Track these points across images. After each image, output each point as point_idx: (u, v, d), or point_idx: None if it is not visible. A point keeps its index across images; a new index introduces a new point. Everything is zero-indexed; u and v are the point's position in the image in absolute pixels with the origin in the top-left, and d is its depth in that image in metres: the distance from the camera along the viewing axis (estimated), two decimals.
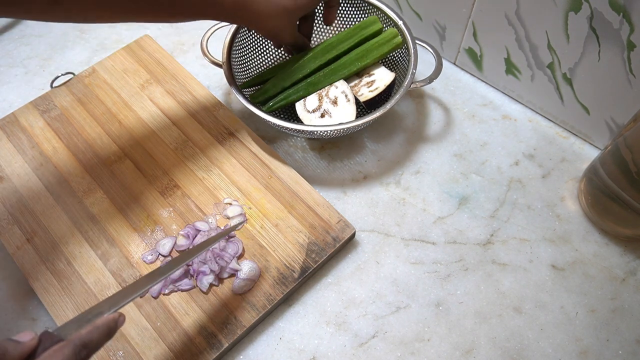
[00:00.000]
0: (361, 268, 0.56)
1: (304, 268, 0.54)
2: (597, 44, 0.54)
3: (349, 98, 0.61)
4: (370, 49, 0.63)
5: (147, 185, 0.60)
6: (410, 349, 0.51)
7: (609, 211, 0.56)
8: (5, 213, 0.58)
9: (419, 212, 0.60)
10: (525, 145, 0.65)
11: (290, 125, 0.57)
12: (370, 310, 0.54)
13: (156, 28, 0.78)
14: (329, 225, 0.56)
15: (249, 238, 0.56)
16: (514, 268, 0.56)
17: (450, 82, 0.71)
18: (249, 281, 0.53)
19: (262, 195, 0.59)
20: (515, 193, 0.61)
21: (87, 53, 0.76)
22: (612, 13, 0.51)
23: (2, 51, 0.76)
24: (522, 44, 0.61)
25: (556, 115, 0.65)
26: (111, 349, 0.50)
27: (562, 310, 0.53)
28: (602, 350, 0.51)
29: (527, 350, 0.51)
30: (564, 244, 0.57)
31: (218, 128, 0.64)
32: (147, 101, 0.67)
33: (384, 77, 0.62)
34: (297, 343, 0.52)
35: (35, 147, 0.63)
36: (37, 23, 0.79)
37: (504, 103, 0.68)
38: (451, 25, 0.68)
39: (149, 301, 0.53)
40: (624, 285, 0.54)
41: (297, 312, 0.54)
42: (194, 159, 0.62)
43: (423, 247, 0.57)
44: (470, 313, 0.53)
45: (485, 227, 0.58)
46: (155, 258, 0.55)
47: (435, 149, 0.65)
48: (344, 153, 0.65)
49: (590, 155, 0.63)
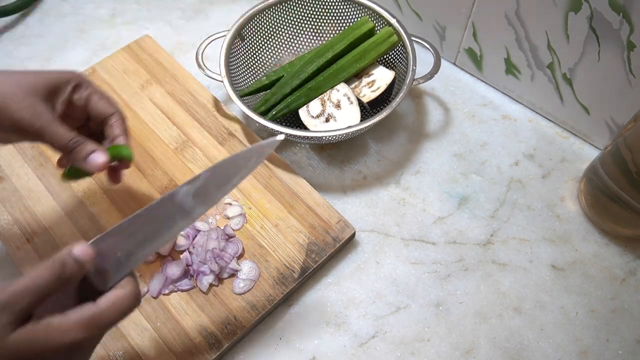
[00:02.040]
0: (361, 268, 0.56)
1: (304, 268, 0.54)
2: (597, 44, 0.54)
3: (352, 100, 0.61)
4: (367, 49, 0.63)
5: (147, 185, 0.60)
6: (410, 349, 0.51)
7: (609, 211, 0.56)
8: (5, 213, 0.58)
9: (419, 212, 0.60)
10: (525, 145, 0.65)
11: (299, 133, 0.56)
12: (370, 310, 0.54)
13: (156, 28, 0.78)
14: (328, 226, 0.56)
15: (249, 238, 0.56)
16: (514, 268, 0.56)
17: (450, 82, 0.71)
18: (249, 281, 0.53)
19: (262, 195, 0.59)
20: (515, 193, 0.61)
21: (87, 53, 0.76)
22: (612, 13, 0.51)
23: (2, 51, 0.76)
24: (522, 44, 0.61)
25: (556, 115, 0.65)
26: (111, 349, 0.50)
27: (562, 310, 0.53)
28: (602, 350, 0.51)
29: (527, 350, 0.51)
30: (564, 244, 0.57)
31: (218, 128, 0.64)
32: (147, 101, 0.67)
33: (384, 76, 0.62)
34: (297, 343, 0.52)
35: (35, 147, 0.63)
36: (37, 23, 0.80)
37: (504, 103, 0.68)
38: (451, 25, 0.68)
39: (149, 301, 0.53)
40: (624, 285, 0.54)
41: (297, 312, 0.54)
42: (194, 159, 0.62)
43: (423, 247, 0.57)
44: (470, 313, 0.53)
45: (485, 227, 0.58)
46: (155, 258, 0.55)
47: (435, 149, 0.65)
48: (343, 153, 0.65)
49: (590, 155, 0.63)
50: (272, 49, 0.70)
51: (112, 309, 0.35)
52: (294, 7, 0.68)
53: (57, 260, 0.35)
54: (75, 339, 0.34)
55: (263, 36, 0.69)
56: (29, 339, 0.33)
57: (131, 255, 0.38)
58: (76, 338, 0.34)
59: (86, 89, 0.45)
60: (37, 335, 0.33)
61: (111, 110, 0.45)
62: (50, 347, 0.33)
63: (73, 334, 0.33)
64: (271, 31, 0.69)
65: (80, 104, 0.45)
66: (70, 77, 0.45)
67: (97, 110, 0.45)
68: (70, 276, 0.35)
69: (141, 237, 0.38)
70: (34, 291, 0.33)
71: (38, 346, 0.33)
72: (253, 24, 0.66)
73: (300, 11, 0.69)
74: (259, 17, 0.66)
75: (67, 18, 0.80)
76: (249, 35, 0.67)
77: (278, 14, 0.68)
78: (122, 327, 0.51)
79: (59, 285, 0.34)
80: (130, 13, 0.80)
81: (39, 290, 0.33)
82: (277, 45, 0.70)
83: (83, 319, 0.34)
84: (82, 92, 0.45)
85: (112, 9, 0.81)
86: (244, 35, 0.66)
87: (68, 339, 0.33)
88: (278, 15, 0.68)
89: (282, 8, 0.68)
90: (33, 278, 0.34)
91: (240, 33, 0.65)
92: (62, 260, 0.35)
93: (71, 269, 0.35)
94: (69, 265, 0.35)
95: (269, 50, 0.70)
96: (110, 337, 0.50)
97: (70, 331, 0.33)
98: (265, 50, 0.70)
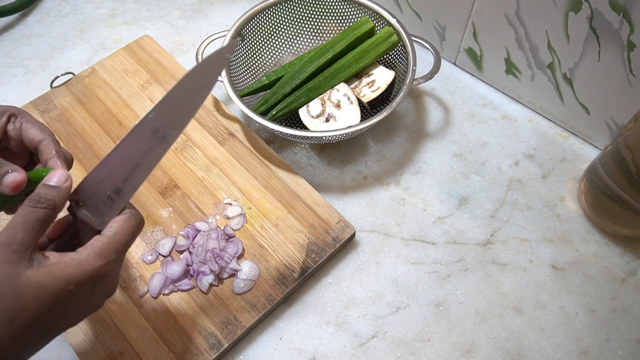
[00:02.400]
0: (361, 268, 0.56)
1: (304, 268, 0.54)
2: (597, 44, 0.54)
3: (352, 100, 0.61)
4: (367, 49, 0.63)
5: (147, 185, 0.60)
6: (410, 349, 0.51)
7: (609, 211, 0.56)
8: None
9: (419, 212, 0.60)
10: (525, 145, 0.65)
11: (299, 133, 0.56)
12: (370, 310, 0.54)
13: (156, 28, 0.78)
14: (328, 225, 0.56)
15: (249, 238, 0.56)
16: (514, 268, 0.56)
17: (450, 82, 0.71)
18: (249, 281, 0.53)
19: (262, 195, 0.59)
20: (515, 193, 0.61)
21: (87, 53, 0.76)
22: (612, 13, 0.51)
23: (2, 51, 0.76)
24: (522, 44, 0.61)
25: (556, 115, 0.65)
26: (111, 349, 0.50)
27: (562, 310, 0.53)
28: (602, 350, 0.51)
29: (527, 350, 0.51)
30: (564, 244, 0.57)
31: (218, 128, 0.64)
32: (147, 101, 0.67)
33: (384, 76, 0.62)
34: (297, 343, 0.52)
35: None
36: (37, 23, 0.80)
37: (504, 103, 0.68)
38: (451, 25, 0.68)
39: (149, 301, 0.53)
40: (624, 285, 0.54)
41: (297, 312, 0.54)
42: (194, 159, 0.62)
43: (423, 247, 0.57)
44: (470, 313, 0.53)
45: (485, 227, 0.58)
46: (155, 258, 0.55)
47: (435, 149, 0.65)
48: (343, 153, 0.65)
49: (590, 155, 0.63)
50: (272, 49, 0.70)
51: (120, 232, 0.38)
52: (294, 7, 0.68)
53: (33, 195, 0.36)
54: (94, 268, 0.36)
55: (263, 36, 0.69)
56: (48, 273, 0.34)
57: (119, 190, 0.39)
58: (94, 267, 0.36)
59: (20, 119, 0.44)
60: (54, 270, 0.34)
61: (41, 136, 0.43)
62: (71, 280, 0.35)
63: (90, 264, 0.35)
64: (271, 31, 0.69)
65: (14, 135, 0.44)
66: (6, 108, 0.45)
67: (28, 137, 0.44)
68: (53, 201, 0.36)
69: (124, 171, 0.40)
70: (23, 223, 0.35)
71: (60, 281, 0.34)
72: (253, 24, 0.66)
73: (300, 11, 0.69)
74: (259, 17, 0.66)
75: (67, 18, 0.80)
76: (249, 35, 0.67)
77: (278, 14, 0.68)
78: (122, 327, 0.51)
79: (47, 213, 0.36)
80: (130, 13, 0.80)
81: (29, 223, 0.35)
82: (277, 45, 0.70)
83: (95, 248, 0.36)
84: (17, 122, 0.44)
85: (112, 9, 0.81)
86: (244, 35, 0.66)
87: (87, 269, 0.35)
88: (278, 15, 0.68)
89: (282, 8, 0.68)
90: (19, 214, 0.35)
91: (240, 33, 0.65)
92: (37, 194, 0.36)
93: (51, 195, 0.36)
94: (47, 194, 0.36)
95: (269, 50, 0.70)
96: (111, 337, 0.50)
97: (87, 262, 0.35)
98: (265, 50, 0.70)
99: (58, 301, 0.34)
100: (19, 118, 0.44)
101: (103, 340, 0.50)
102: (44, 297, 0.34)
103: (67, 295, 0.35)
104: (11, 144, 0.45)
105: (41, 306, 0.34)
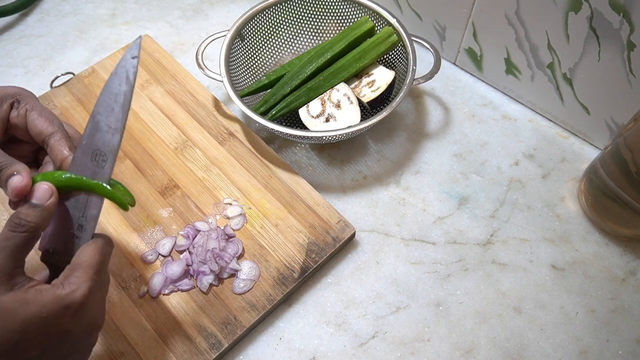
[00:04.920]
0: (361, 268, 0.56)
1: (304, 268, 0.54)
2: (597, 44, 0.54)
3: (352, 100, 0.61)
4: (367, 49, 0.63)
5: (147, 185, 0.60)
6: (410, 349, 0.51)
7: (609, 211, 0.56)
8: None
9: (419, 212, 0.60)
10: (525, 145, 0.65)
11: (299, 133, 0.56)
12: (370, 310, 0.54)
13: (156, 28, 0.78)
14: (328, 225, 0.56)
15: (249, 238, 0.56)
16: (514, 268, 0.56)
17: (450, 82, 0.71)
18: (249, 281, 0.53)
19: (262, 195, 0.59)
20: (515, 193, 0.61)
21: (87, 53, 0.76)
22: (612, 13, 0.51)
23: (2, 51, 0.76)
24: (522, 44, 0.61)
25: (556, 115, 0.65)
26: (111, 349, 0.50)
27: (562, 310, 0.53)
28: (602, 350, 0.51)
29: (527, 350, 0.51)
30: (564, 244, 0.57)
31: (218, 128, 0.64)
32: (147, 101, 0.67)
33: (384, 76, 0.62)
34: (297, 343, 0.52)
35: None
36: (37, 23, 0.80)
37: (504, 103, 0.68)
38: (451, 25, 0.68)
39: (149, 301, 0.53)
40: (624, 285, 0.54)
41: (297, 312, 0.54)
42: (194, 159, 0.62)
43: (423, 247, 0.57)
44: (470, 313, 0.53)
45: (485, 227, 0.58)
46: (155, 258, 0.55)
47: (435, 149, 0.65)
48: (343, 153, 0.65)
49: (590, 155, 0.63)
50: (272, 49, 0.70)
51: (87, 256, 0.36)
52: (294, 7, 0.68)
53: (13, 217, 0.34)
54: (67, 294, 0.34)
55: (263, 36, 0.69)
56: (21, 299, 0.32)
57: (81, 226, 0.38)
58: (67, 293, 0.34)
59: (25, 105, 0.39)
60: (28, 296, 0.33)
61: (50, 129, 0.38)
62: (45, 308, 0.33)
63: (63, 290, 0.34)
64: (271, 31, 0.69)
65: (20, 123, 0.39)
66: (8, 91, 0.39)
67: (35, 129, 0.38)
68: (34, 224, 0.34)
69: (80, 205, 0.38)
70: (2, 249, 0.33)
71: (32, 307, 0.32)
72: (253, 23, 0.66)
73: (300, 11, 0.69)
74: (259, 17, 0.66)
75: (67, 18, 0.80)
76: (249, 35, 0.67)
77: (278, 14, 0.68)
78: (122, 327, 0.51)
79: (27, 237, 0.34)
80: (130, 13, 0.80)
81: (8, 249, 0.33)
82: (277, 45, 0.70)
83: (66, 277, 0.35)
84: (21, 109, 0.39)
85: (112, 9, 0.81)
86: (244, 35, 0.66)
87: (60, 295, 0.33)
88: (278, 15, 0.68)
89: (282, 8, 0.68)
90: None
91: (240, 33, 0.65)
92: (17, 215, 0.34)
93: (32, 217, 0.34)
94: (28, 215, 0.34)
95: (269, 50, 0.70)
96: (111, 337, 0.50)
97: (59, 288, 0.34)
98: (265, 50, 0.70)
99: (31, 329, 0.32)
100: (23, 104, 0.39)
101: (103, 340, 0.50)
102: (14, 323, 0.32)
103: (41, 323, 0.33)
104: (18, 133, 0.40)
105: (12, 332, 0.32)
